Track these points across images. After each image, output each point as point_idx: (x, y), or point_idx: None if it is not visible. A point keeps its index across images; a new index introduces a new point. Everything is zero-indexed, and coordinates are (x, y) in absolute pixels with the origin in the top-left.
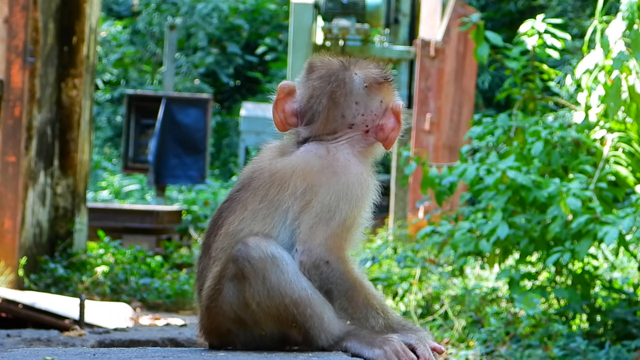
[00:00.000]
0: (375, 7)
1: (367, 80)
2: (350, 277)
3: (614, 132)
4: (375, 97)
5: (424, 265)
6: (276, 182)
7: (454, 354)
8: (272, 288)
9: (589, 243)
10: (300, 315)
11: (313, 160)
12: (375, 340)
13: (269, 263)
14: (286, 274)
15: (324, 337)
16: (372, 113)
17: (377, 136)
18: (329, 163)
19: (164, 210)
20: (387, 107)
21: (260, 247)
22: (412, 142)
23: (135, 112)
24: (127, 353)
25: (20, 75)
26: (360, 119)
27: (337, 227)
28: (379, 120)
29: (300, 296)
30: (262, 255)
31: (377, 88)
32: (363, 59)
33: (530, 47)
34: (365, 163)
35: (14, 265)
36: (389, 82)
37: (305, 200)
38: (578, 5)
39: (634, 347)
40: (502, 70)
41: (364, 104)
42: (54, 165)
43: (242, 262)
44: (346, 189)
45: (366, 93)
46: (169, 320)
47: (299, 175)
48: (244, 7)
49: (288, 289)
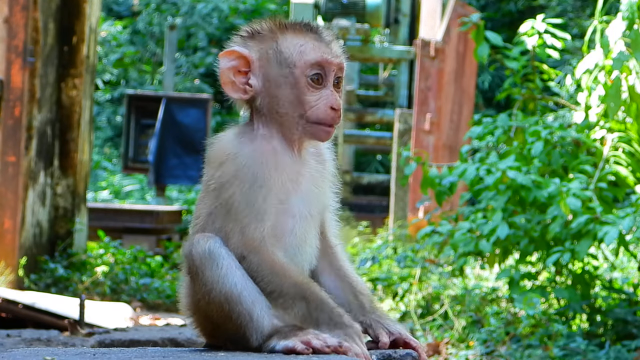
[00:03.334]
0: (375, 7)
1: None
2: (267, 266)
3: (614, 132)
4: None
5: (424, 265)
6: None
7: (454, 354)
8: (207, 284)
9: (589, 243)
10: (233, 312)
11: (217, 149)
12: (289, 333)
13: (207, 259)
14: (220, 269)
15: (254, 336)
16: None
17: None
18: (222, 150)
19: (164, 210)
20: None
21: (200, 244)
22: (412, 142)
23: (135, 112)
24: (127, 353)
25: (20, 75)
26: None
27: (241, 218)
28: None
29: (231, 292)
30: (200, 252)
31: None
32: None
33: (530, 47)
34: (270, 139)
35: (14, 265)
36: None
37: (215, 194)
38: (578, 5)
39: (634, 347)
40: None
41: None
42: (54, 165)
43: (188, 259)
44: (237, 175)
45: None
46: (169, 320)
47: (207, 165)
48: (244, 7)
49: (220, 285)
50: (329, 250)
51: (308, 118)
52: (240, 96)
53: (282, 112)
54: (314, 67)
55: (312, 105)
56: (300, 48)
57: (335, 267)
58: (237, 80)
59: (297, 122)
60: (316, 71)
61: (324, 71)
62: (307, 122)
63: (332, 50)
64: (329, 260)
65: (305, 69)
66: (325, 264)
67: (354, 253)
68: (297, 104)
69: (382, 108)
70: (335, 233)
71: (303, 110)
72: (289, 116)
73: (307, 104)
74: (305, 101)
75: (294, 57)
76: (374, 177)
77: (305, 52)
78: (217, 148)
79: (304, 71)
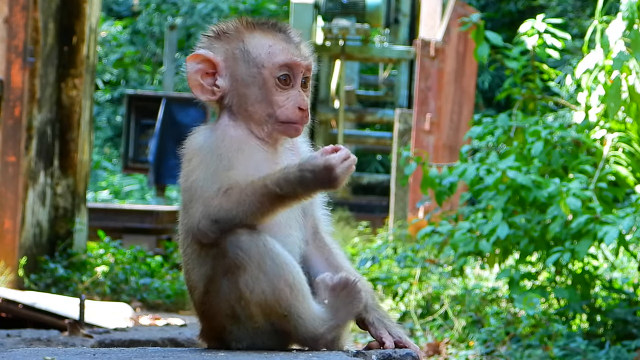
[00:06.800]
0: (375, 7)
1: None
2: (233, 199)
3: (614, 132)
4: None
5: (424, 265)
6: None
7: (454, 354)
8: (255, 279)
9: (589, 243)
10: (283, 306)
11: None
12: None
13: (257, 254)
14: (273, 263)
15: (315, 324)
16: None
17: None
18: (190, 147)
19: (164, 210)
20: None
21: (250, 239)
22: (412, 142)
23: (135, 112)
24: (127, 353)
25: (20, 75)
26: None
27: (208, 194)
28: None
29: (282, 286)
30: (249, 246)
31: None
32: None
33: (530, 47)
34: (236, 128)
35: (14, 265)
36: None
37: (185, 187)
38: (578, 5)
39: (634, 347)
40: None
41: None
42: (54, 165)
43: (232, 254)
44: (203, 161)
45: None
46: (169, 320)
47: (182, 166)
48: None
49: (271, 279)
50: (325, 248)
51: (277, 118)
52: (209, 97)
53: (251, 110)
54: (283, 68)
55: (281, 105)
56: (269, 49)
57: (334, 266)
58: (205, 82)
59: (266, 120)
60: (285, 72)
61: (293, 72)
62: (276, 121)
63: (301, 51)
64: (325, 258)
65: (274, 70)
66: (321, 262)
67: (354, 253)
68: (266, 103)
69: (382, 108)
70: (328, 230)
71: (272, 109)
72: (257, 114)
73: (276, 104)
74: (273, 101)
75: (262, 57)
76: (374, 177)
77: (274, 54)
78: (187, 146)
79: (272, 72)
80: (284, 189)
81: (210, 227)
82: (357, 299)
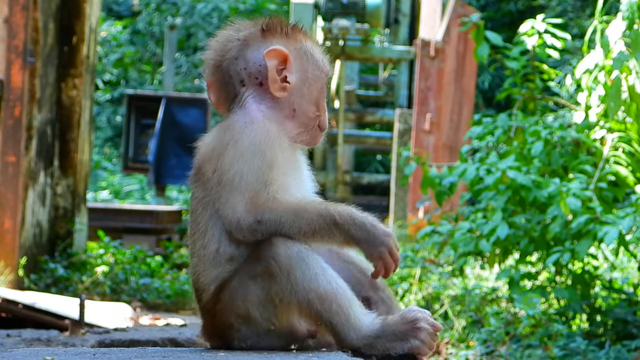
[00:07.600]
0: (375, 7)
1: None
2: (287, 213)
3: (614, 132)
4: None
5: (424, 265)
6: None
7: (454, 354)
8: (294, 284)
9: (589, 243)
10: (326, 312)
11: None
12: (405, 332)
13: (295, 260)
14: (311, 269)
15: (352, 334)
16: (255, 64)
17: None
18: (219, 142)
19: (164, 210)
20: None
21: (286, 245)
22: (412, 142)
23: (135, 112)
24: (127, 353)
25: (20, 75)
26: (245, 73)
27: (250, 188)
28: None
29: (325, 291)
30: (287, 253)
31: (252, 39)
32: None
33: (530, 47)
34: (270, 118)
35: (14, 265)
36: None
37: (215, 182)
38: (578, 5)
39: (634, 347)
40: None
41: (244, 57)
42: (54, 165)
43: (268, 261)
44: (243, 154)
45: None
46: (169, 320)
47: (204, 164)
48: (244, 7)
49: (312, 285)
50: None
51: (320, 122)
52: (282, 94)
53: (304, 109)
54: (328, 79)
55: (322, 111)
56: (323, 57)
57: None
58: (279, 77)
59: (311, 123)
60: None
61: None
62: (315, 125)
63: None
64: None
65: (326, 78)
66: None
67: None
68: (316, 107)
69: (382, 108)
70: None
71: (319, 113)
72: (306, 116)
73: (322, 110)
74: (322, 107)
75: (323, 62)
76: (374, 177)
77: (326, 63)
78: (211, 142)
79: (325, 79)
80: (349, 231)
81: (251, 224)
82: (412, 341)
